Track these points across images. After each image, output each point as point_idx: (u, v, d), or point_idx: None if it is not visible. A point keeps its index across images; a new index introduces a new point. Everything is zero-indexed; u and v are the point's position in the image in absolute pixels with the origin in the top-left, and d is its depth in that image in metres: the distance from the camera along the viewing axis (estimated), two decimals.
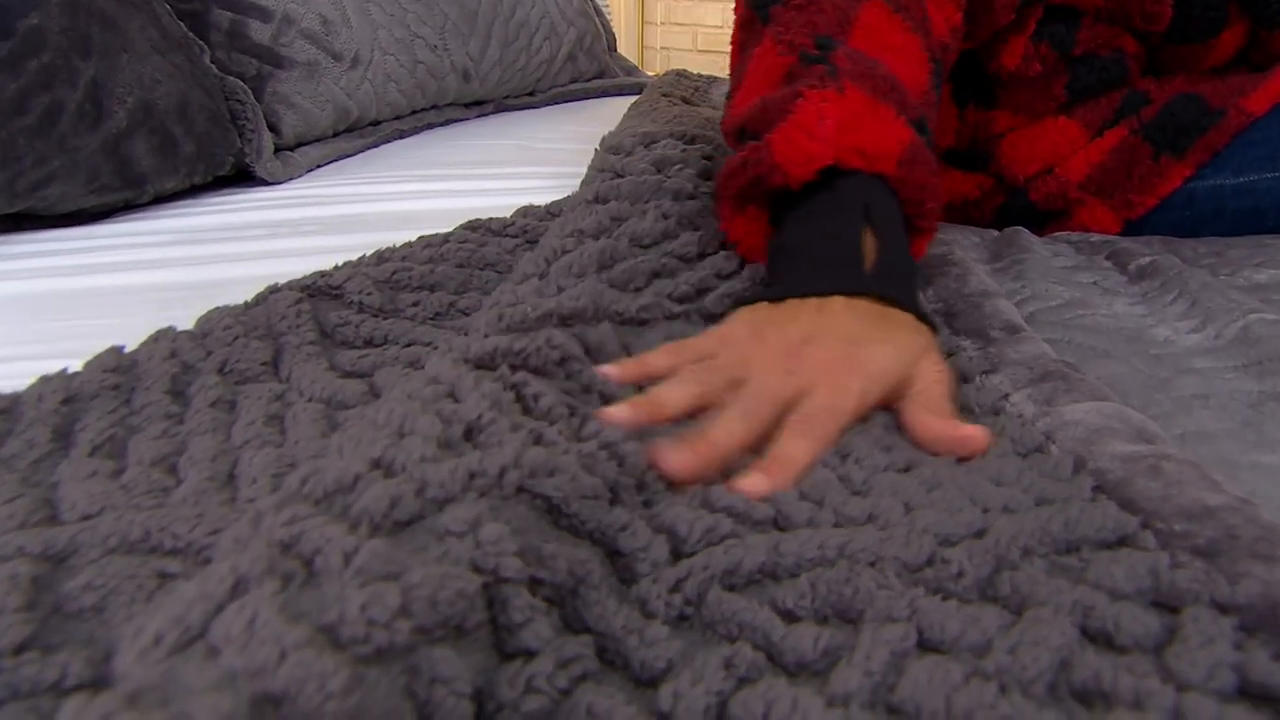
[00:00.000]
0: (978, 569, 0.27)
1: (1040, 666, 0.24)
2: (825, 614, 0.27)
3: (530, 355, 0.32)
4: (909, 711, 0.23)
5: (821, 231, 0.44)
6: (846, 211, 0.44)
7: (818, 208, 0.45)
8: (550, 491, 0.26)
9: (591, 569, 0.26)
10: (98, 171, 0.72)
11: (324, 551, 0.22)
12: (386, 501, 0.24)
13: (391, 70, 1.09)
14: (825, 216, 0.45)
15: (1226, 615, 0.26)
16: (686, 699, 0.23)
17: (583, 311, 0.37)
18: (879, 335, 0.39)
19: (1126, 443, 0.34)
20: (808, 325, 0.39)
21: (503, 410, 0.28)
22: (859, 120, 0.46)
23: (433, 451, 0.26)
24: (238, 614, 0.20)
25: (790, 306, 0.40)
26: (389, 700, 0.20)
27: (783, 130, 0.46)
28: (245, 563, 0.22)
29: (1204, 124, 0.76)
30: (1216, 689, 0.23)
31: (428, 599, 0.21)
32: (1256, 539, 0.27)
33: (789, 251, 0.45)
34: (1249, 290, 0.62)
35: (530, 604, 0.23)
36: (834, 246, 0.43)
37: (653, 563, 0.28)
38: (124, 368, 0.39)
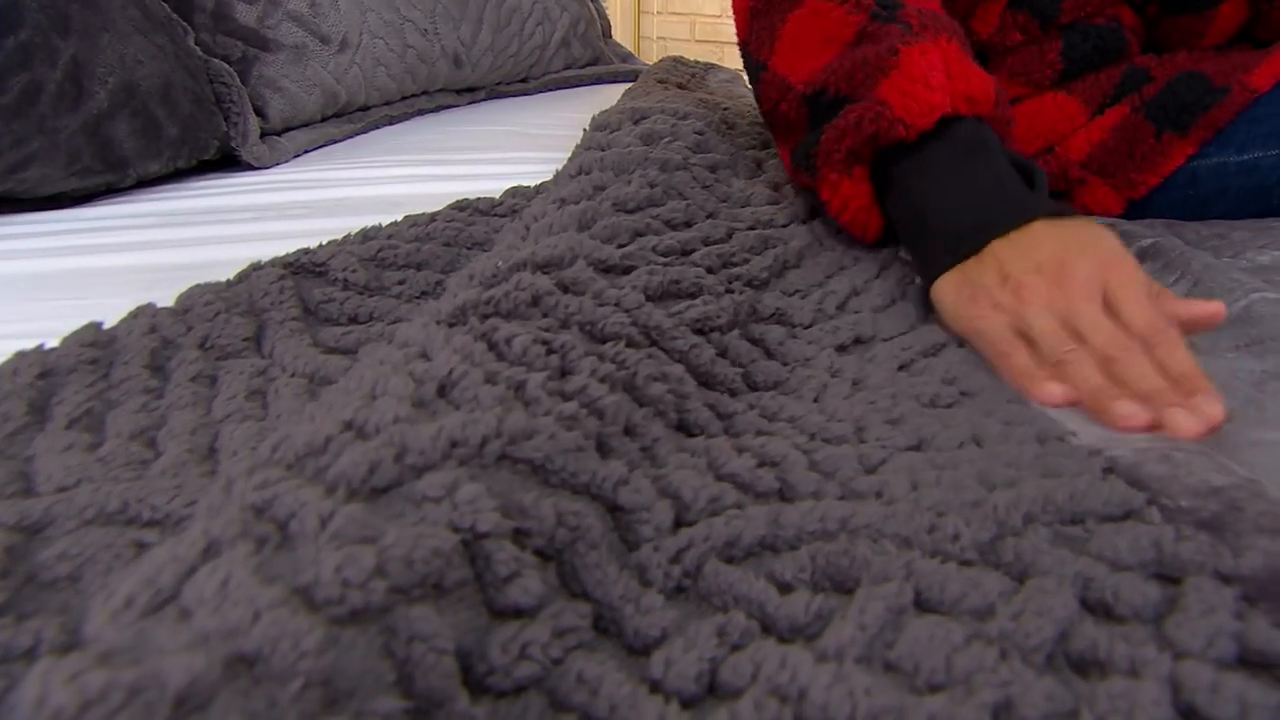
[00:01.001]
0: (976, 533, 0.27)
1: (1044, 636, 0.23)
2: (822, 585, 0.26)
3: (499, 301, 0.32)
4: (906, 669, 0.22)
5: (977, 176, 0.46)
6: (989, 153, 0.47)
7: (954, 157, 0.47)
8: (531, 454, 0.25)
9: (589, 523, 0.25)
10: (78, 153, 0.71)
11: (299, 515, 0.22)
12: (365, 467, 0.23)
13: (380, 54, 1.08)
14: (971, 161, 0.47)
15: (1229, 586, 0.25)
16: (678, 665, 0.22)
17: (559, 259, 0.36)
18: (1094, 233, 0.43)
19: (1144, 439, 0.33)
20: (1045, 250, 0.41)
21: (475, 362, 0.28)
22: (960, 68, 0.49)
23: (406, 411, 0.25)
24: (210, 576, 0.20)
25: (1002, 248, 0.43)
26: (366, 660, 0.19)
27: (895, 85, 0.48)
28: (218, 526, 0.21)
29: (1207, 101, 0.76)
30: (1215, 657, 0.23)
31: (403, 559, 0.20)
32: (1262, 513, 0.27)
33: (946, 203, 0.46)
34: (1252, 271, 0.62)
35: (516, 557, 0.22)
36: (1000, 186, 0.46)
37: (656, 527, 0.27)
38: (102, 343, 0.38)
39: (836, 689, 0.21)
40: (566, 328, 0.33)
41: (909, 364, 0.39)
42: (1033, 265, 0.41)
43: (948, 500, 0.29)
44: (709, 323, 0.39)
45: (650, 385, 0.33)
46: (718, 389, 0.37)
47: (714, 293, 0.41)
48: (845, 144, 0.49)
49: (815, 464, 0.31)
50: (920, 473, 0.30)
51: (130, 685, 0.17)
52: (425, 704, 0.20)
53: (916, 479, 0.30)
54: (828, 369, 0.39)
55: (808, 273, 0.46)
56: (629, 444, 0.30)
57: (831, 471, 0.31)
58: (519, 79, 1.37)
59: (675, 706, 0.21)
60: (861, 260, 0.48)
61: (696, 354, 0.37)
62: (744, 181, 0.55)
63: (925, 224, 0.47)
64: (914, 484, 0.29)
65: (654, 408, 0.33)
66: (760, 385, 0.38)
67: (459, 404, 0.27)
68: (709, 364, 0.37)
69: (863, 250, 0.50)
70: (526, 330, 0.31)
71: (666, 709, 0.21)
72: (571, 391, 0.29)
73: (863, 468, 0.31)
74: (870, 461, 0.32)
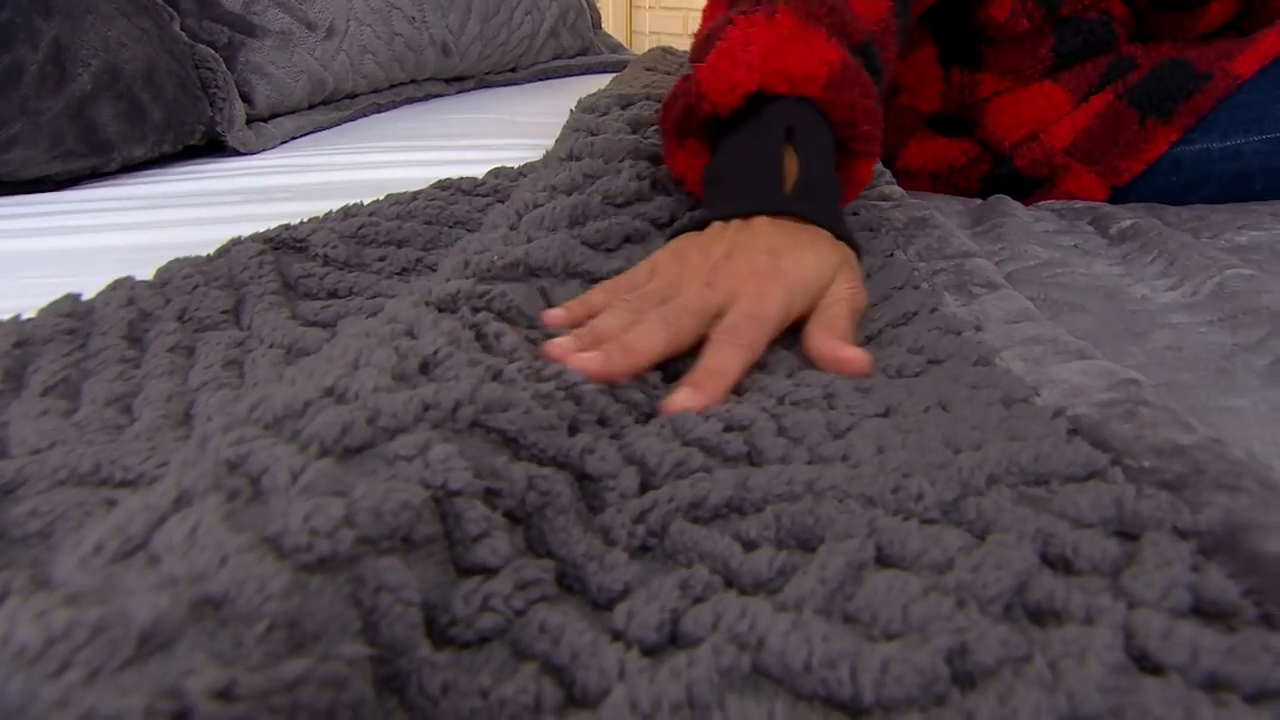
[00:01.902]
0: (940, 493, 0.27)
1: (1001, 587, 0.23)
2: (787, 543, 0.26)
3: (494, 299, 0.32)
4: (864, 620, 0.22)
5: (744, 155, 0.44)
6: (768, 134, 0.44)
7: (744, 133, 0.45)
8: (504, 425, 0.26)
9: (559, 489, 0.25)
10: (61, 136, 0.71)
11: (271, 470, 0.22)
12: (338, 427, 0.23)
13: (368, 41, 1.08)
14: (749, 140, 0.45)
15: (1186, 540, 0.26)
16: (640, 616, 0.23)
17: (552, 265, 0.37)
18: (800, 245, 0.39)
19: (1106, 392, 0.34)
20: (729, 242, 0.39)
21: (461, 346, 0.28)
22: (785, 44, 0.45)
23: (386, 382, 0.25)
24: (180, 524, 0.20)
25: (714, 229, 0.41)
26: (333, 607, 0.19)
27: (710, 59, 0.46)
28: (190, 478, 0.22)
29: (1190, 88, 0.76)
30: (1170, 607, 0.23)
31: (372, 510, 0.21)
32: (1223, 472, 0.27)
33: (716, 177, 0.45)
34: (1230, 251, 0.63)
35: (486, 516, 0.23)
36: (755, 169, 0.43)
37: (621, 493, 0.27)
38: (80, 314, 0.38)
39: (794, 636, 0.21)
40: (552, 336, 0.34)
41: (877, 335, 0.39)
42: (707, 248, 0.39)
43: (913, 462, 0.29)
44: None
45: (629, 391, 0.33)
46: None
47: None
48: (670, 116, 0.48)
49: (784, 429, 0.31)
50: (886, 437, 0.31)
51: (95, 623, 0.18)
52: (389, 652, 0.20)
53: (883, 443, 0.30)
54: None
55: None
56: (600, 430, 0.30)
57: (800, 437, 0.31)
58: (508, 68, 1.37)
59: (636, 653, 0.21)
60: None
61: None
62: None
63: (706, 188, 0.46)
64: (880, 447, 0.30)
65: (628, 406, 0.33)
66: None
67: (439, 382, 0.27)
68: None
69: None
70: (516, 331, 0.32)
71: (627, 655, 0.21)
72: (548, 375, 0.30)
73: (830, 433, 0.31)
74: (838, 428, 0.32)
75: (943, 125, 0.85)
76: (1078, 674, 0.21)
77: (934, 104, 0.84)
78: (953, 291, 0.43)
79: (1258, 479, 0.27)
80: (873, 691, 0.20)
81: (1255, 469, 0.27)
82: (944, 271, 0.44)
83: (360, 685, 0.19)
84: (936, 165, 0.86)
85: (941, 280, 0.43)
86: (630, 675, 0.20)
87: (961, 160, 0.85)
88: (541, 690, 0.21)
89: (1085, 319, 0.49)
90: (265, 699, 0.17)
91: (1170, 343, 0.47)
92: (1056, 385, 0.35)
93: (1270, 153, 0.78)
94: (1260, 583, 0.23)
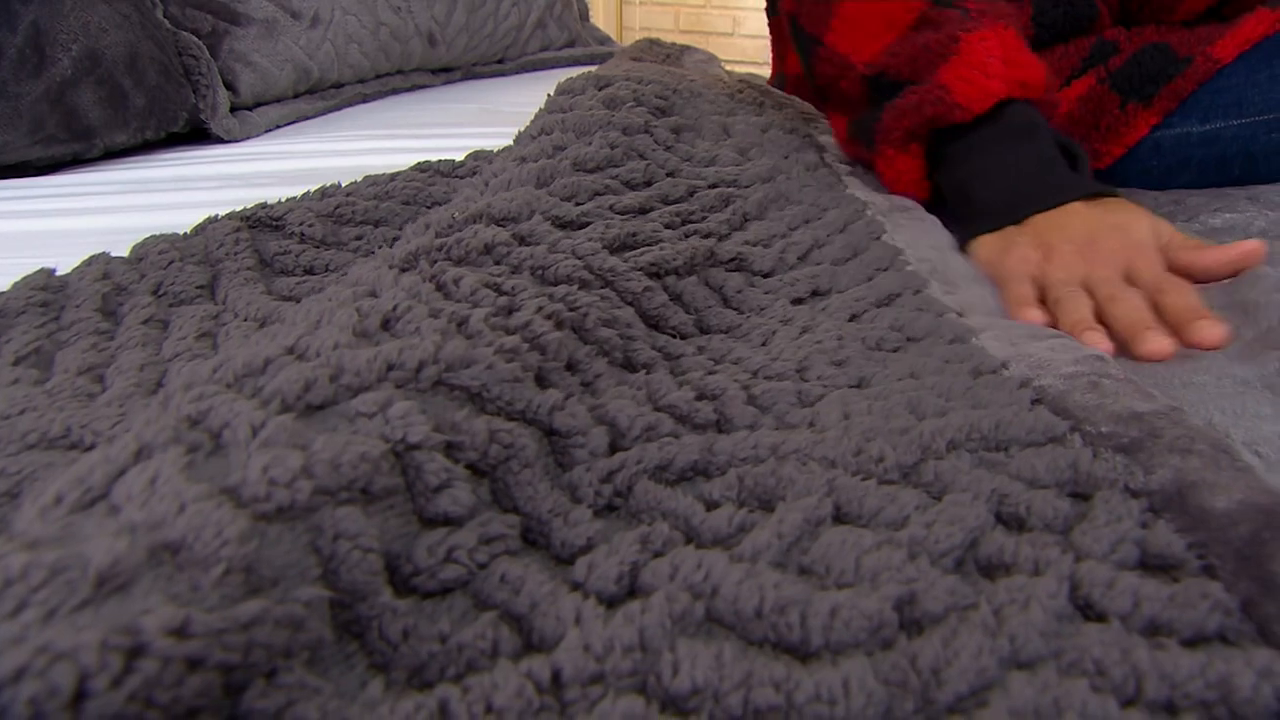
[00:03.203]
0: (900, 456, 0.28)
1: (953, 542, 0.24)
2: (748, 502, 0.27)
3: (451, 248, 0.32)
4: (819, 572, 0.23)
5: (1026, 155, 0.51)
6: (1038, 135, 0.52)
7: (1005, 137, 0.52)
8: (468, 382, 0.26)
9: (523, 442, 0.26)
10: (42, 121, 0.71)
11: (232, 425, 0.22)
12: (300, 384, 0.24)
13: (353, 31, 1.08)
14: (1021, 142, 0.51)
15: (1137, 499, 0.26)
16: (600, 568, 0.23)
17: (516, 214, 0.37)
18: (1128, 215, 0.47)
19: (1071, 365, 0.34)
20: (1078, 226, 0.46)
21: (421, 299, 0.28)
22: (1016, 55, 0.53)
23: (348, 339, 0.25)
24: (139, 475, 0.20)
25: (1040, 221, 0.47)
26: (291, 554, 0.20)
27: (955, 71, 0.52)
28: (150, 433, 0.22)
29: (1171, 71, 0.77)
30: (1117, 560, 0.24)
31: (329, 461, 0.21)
32: (1177, 436, 0.28)
33: (993, 177, 0.51)
34: (1205, 235, 0.63)
35: (447, 468, 0.23)
36: (1044, 165, 0.51)
37: (591, 451, 0.28)
38: (54, 287, 0.38)
39: (747, 584, 0.22)
40: (518, 273, 0.34)
41: (860, 314, 0.40)
42: (1065, 237, 0.45)
43: (877, 427, 0.30)
44: (665, 265, 0.40)
45: (599, 329, 0.33)
46: (668, 332, 0.37)
47: (671, 242, 0.42)
48: (905, 123, 0.53)
49: (753, 398, 0.32)
50: (853, 404, 0.31)
51: (52, 565, 0.18)
52: (349, 597, 0.21)
53: (848, 409, 0.31)
54: (780, 318, 0.40)
55: (771, 224, 0.47)
56: (569, 378, 0.30)
57: (768, 406, 0.31)
58: (495, 60, 1.37)
59: (593, 602, 0.22)
60: (828, 212, 0.49)
61: (649, 297, 0.37)
62: (709, 143, 0.56)
63: (971, 196, 0.52)
64: (845, 414, 0.30)
65: (599, 347, 0.33)
66: (713, 329, 0.39)
67: (401, 336, 0.27)
68: (661, 307, 0.38)
69: (830, 202, 0.51)
70: (476, 274, 0.32)
71: (584, 604, 0.21)
72: (515, 326, 0.30)
73: (800, 402, 0.32)
74: (808, 398, 0.32)
75: None
76: (1020, 619, 0.21)
77: None
78: (937, 279, 0.43)
79: (1210, 442, 0.27)
80: (821, 635, 0.21)
81: (1209, 433, 0.28)
82: (928, 260, 0.44)
83: (318, 626, 0.19)
84: None
85: (925, 268, 0.43)
86: (586, 621, 0.21)
87: None
88: (499, 636, 0.21)
89: None
90: (220, 637, 0.17)
91: None
92: (1025, 359, 0.35)
93: (1248, 137, 0.78)
94: (1205, 536, 0.24)
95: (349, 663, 0.20)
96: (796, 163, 0.54)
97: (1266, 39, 0.76)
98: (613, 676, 0.20)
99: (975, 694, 0.20)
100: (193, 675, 0.16)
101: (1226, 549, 0.23)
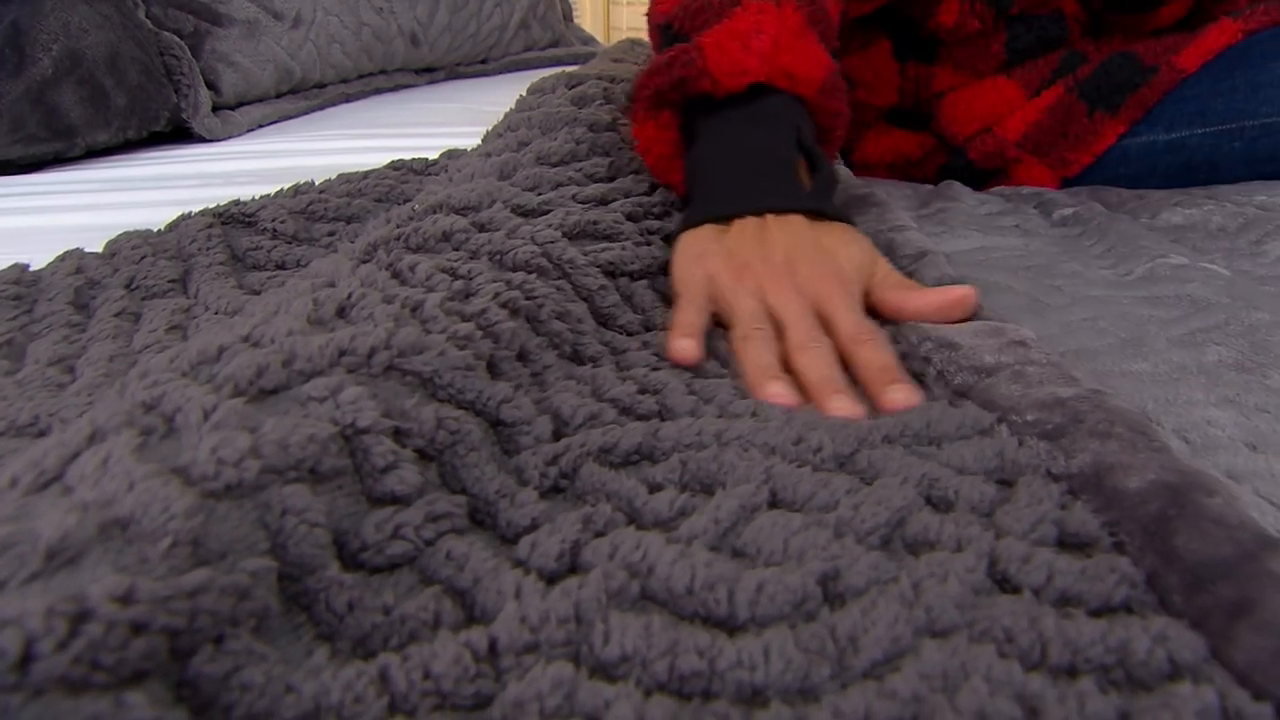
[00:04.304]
0: (838, 447, 0.29)
1: (878, 521, 0.25)
2: (690, 486, 0.28)
3: (409, 236, 0.33)
4: (750, 553, 0.24)
5: (757, 149, 0.46)
6: (780, 131, 0.46)
7: (746, 122, 0.46)
8: (419, 368, 0.27)
9: (469, 429, 0.27)
10: (22, 120, 0.72)
11: (184, 409, 0.23)
12: (253, 369, 0.25)
13: (335, 31, 1.09)
14: (758, 133, 0.46)
15: (1057, 482, 0.27)
16: (542, 546, 0.24)
17: (477, 203, 0.38)
18: (843, 241, 0.42)
19: (995, 354, 0.36)
20: (781, 244, 0.41)
21: (377, 287, 0.29)
22: (793, 41, 0.47)
23: (301, 326, 0.26)
24: (92, 457, 0.21)
25: (746, 227, 0.42)
26: (239, 529, 0.21)
27: (717, 35, 0.46)
28: (104, 417, 0.23)
29: (1137, 81, 0.79)
30: (1035, 538, 0.25)
31: (277, 442, 0.22)
32: (1098, 421, 0.29)
33: (719, 165, 0.46)
34: (1165, 231, 0.65)
35: (393, 450, 0.24)
36: (773, 166, 0.45)
37: (536, 437, 0.29)
38: (27, 281, 0.39)
39: (680, 564, 0.23)
40: (476, 258, 0.35)
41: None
42: (763, 255, 0.41)
43: (815, 419, 0.31)
44: (621, 267, 0.41)
45: (552, 321, 0.35)
46: (615, 329, 0.38)
47: (631, 239, 0.43)
48: (655, 81, 0.47)
49: (694, 390, 0.33)
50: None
51: (3, 540, 0.19)
52: (297, 570, 0.22)
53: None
54: None
55: None
56: (519, 368, 0.31)
57: (709, 397, 0.33)
58: (478, 60, 1.38)
59: (534, 578, 0.23)
60: None
61: (603, 295, 0.39)
62: None
63: (694, 182, 0.47)
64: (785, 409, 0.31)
65: (550, 339, 0.34)
66: (657, 327, 0.40)
67: (355, 323, 0.28)
68: (613, 307, 0.39)
69: None
70: (433, 260, 0.33)
71: (524, 580, 0.23)
72: (470, 313, 0.31)
73: (738, 393, 0.33)
74: (743, 390, 0.34)
75: (899, 118, 0.87)
76: (937, 591, 0.22)
77: (890, 98, 0.86)
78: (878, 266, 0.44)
79: (1129, 425, 0.28)
80: (748, 609, 0.22)
81: (1129, 417, 0.29)
82: (876, 245, 0.45)
83: (264, 595, 0.20)
84: (893, 158, 0.88)
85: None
86: (525, 595, 0.22)
87: (917, 153, 0.87)
88: (441, 609, 0.22)
89: (1009, 296, 0.51)
90: (165, 603, 0.18)
91: (1089, 315, 0.49)
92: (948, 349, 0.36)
93: (1212, 145, 0.80)
94: (1118, 515, 0.25)
95: (296, 633, 0.21)
96: None
97: (1230, 48, 0.77)
98: (546, 646, 0.21)
99: (890, 660, 0.21)
100: (137, 639, 0.17)
101: (1136, 526, 0.24)
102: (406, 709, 0.19)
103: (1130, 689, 0.21)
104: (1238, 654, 0.21)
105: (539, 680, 0.20)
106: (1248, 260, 0.58)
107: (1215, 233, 0.65)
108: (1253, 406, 0.38)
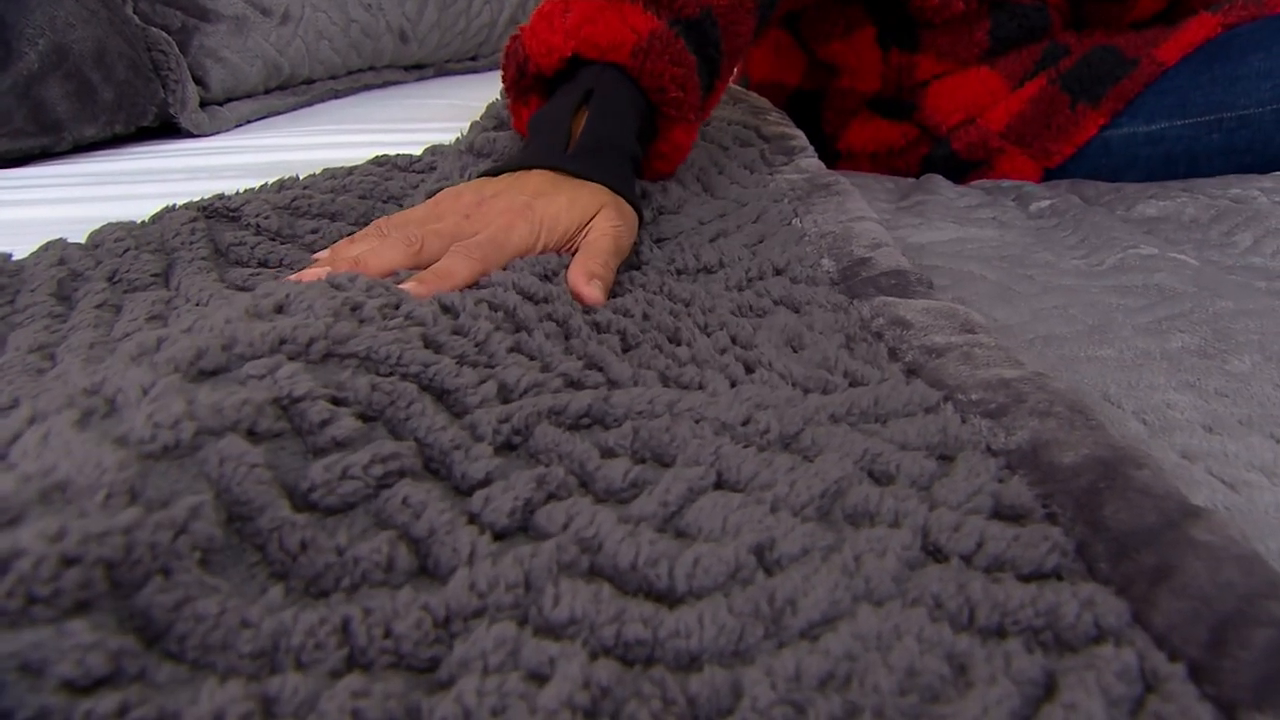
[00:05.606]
0: (784, 427, 0.30)
1: (812, 493, 0.26)
2: (643, 455, 0.29)
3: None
4: (692, 533, 0.25)
5: (546, 115, 0.48)
6: (568, 96, 0.48)
7: (559, 95, 0.49)
8: (355, 349, 0.27)
9: (405, 389, 0.27)
10: (9, 115, 0.72)
11: (124, 389, 0.23)
12: (193, 352, 0.25)
13: (324, 27, 1.09)
14: (555, 101, 0.49)
15: (996, 457, 0.28)
16: (495, 502, 0.25)
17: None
18: (559, 191, 0.43)
19: (947, 335, 0.37)
20: (499, 186, 0.43)
21: (315, 289, 0.30)
22: (598, 13, 0.48)
23: (238, 315, 0.27)
24: (34, 434, 0.22)
25: (501, 178, 0.45)
26: (181, 482, 0.21)
27: (533, 20, 0.50)
28: (44, 401, 0.23)
29: (1118, 73, 0.80)
30: (970, 509, 0.26)
31: (212, 406, 0.23)
32: (1039, 400, 0.30)
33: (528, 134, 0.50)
34: (1139, 223, 0.66)
35: (330, 409, 0.24)
36: (547, 128, 0.47)
37: (483, 398, 0.29)
38: (9, 272, 0.40)
39: (627, 542, 0.24)
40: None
41: (746, 285, 0.42)
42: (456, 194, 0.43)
43: (764, 397, 0.32)
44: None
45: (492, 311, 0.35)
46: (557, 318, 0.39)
47: None
48: (506, 77, 0.52)
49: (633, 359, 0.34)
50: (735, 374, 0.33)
51: None
52: (245, 509, 0.22)
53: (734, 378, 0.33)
54: (659, 289, 0.42)
55: (683, 218, 0.49)
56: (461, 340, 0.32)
57: (647, 362, 0.33)
58: (468, 57, 1.39)
59: (488, 538, 0.24)
60: (746, 206, 0.51)
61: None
62: None
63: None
64: (732, 381, 0.32)
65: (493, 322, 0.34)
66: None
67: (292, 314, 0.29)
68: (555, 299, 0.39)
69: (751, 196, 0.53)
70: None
71: (479, 539, 0.23)
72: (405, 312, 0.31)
73: (677, 361, 0.34)
74: (681, 358, 0.34)
75: (883, 108, 0.88)
76: (876, 565, 0.23)
77: (873, 84, 0.87)
78: (833, 254, 0.46)
79: (1068, 405, 0.29)
80: (685, 582, 0.23)
81: (1068, 397, 0.30)
82: (832, 234, 0.46)
83: (205, 527, 0.20)
84: (876, 147, 0.89)
85: (826, 243, 0.45)
86: (478, 558, 0.23)
87: (901, 143, 0.88)
88: (395, 554, 0.23)
89: (980, 284, 0.52)
90: (98, 538, 0.19)
91: (1058, 302, 0.50)
92: (898, 326, 0.37)
93: (1191, 137, 0.81)
94: (1052, 488, 0.26)
95: (250, 571, 0.22)
96: (733, 158, 0.56)
97: (1209, 42, 0.78)
98: (494, 609, 0.22)
99: (828, 621, 0.22)
100: (70, 570, 0.18)
101: (1068, 498, 0.25)
102: (364, 663, 0.20)
103: (1058, 650, 0.22)
104: (1157, 617, 0.22)
105: (483, 639, 0.21)
106: (1217, 251, 0.59)
107: (1188, 224, 0.66)
108: (1212, 390, 0.39)
